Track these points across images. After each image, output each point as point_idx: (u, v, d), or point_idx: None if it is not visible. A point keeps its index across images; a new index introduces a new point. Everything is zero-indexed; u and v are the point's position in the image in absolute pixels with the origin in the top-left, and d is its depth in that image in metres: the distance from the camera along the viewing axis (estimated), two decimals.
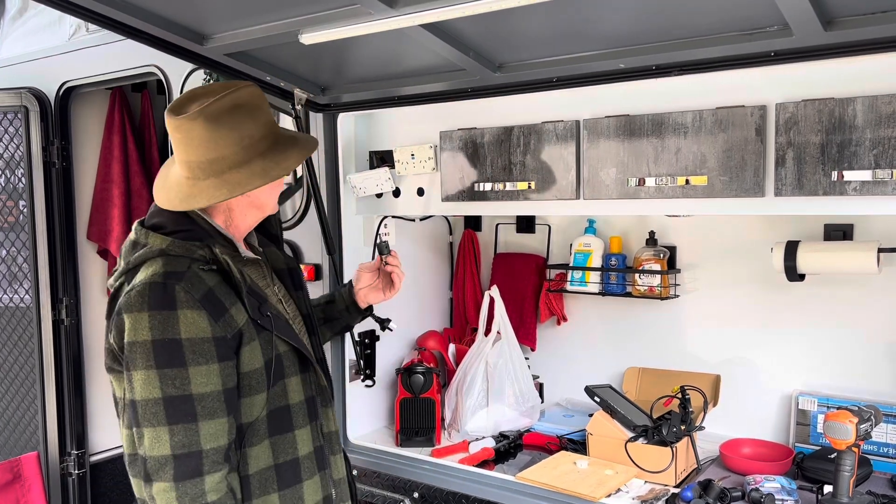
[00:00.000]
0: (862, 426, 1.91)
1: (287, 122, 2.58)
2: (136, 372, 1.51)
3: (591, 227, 2.91)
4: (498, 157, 2.36)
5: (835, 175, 1.82)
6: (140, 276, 1.57)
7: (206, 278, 1.57)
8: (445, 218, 3.28)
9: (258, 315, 1.63)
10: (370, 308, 2.21)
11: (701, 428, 2.39)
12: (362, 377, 2.75)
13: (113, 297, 1.64)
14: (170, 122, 1.61)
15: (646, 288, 2.70)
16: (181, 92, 3.06)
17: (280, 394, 1.68)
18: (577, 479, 2.21)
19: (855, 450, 1.93)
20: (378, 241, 1.98)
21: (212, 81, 3.00)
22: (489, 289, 2.86)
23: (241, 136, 1.62)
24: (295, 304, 1.87)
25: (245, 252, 1.73)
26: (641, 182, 2.11)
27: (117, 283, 1.63)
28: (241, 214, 1.73)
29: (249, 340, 1.60)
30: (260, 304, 1.67)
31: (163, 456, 1.50)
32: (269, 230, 1.93)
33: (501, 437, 2.67)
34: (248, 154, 1.64)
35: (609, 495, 2.12)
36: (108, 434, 3.61)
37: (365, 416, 2.81)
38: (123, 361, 1.55)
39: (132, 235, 1.68)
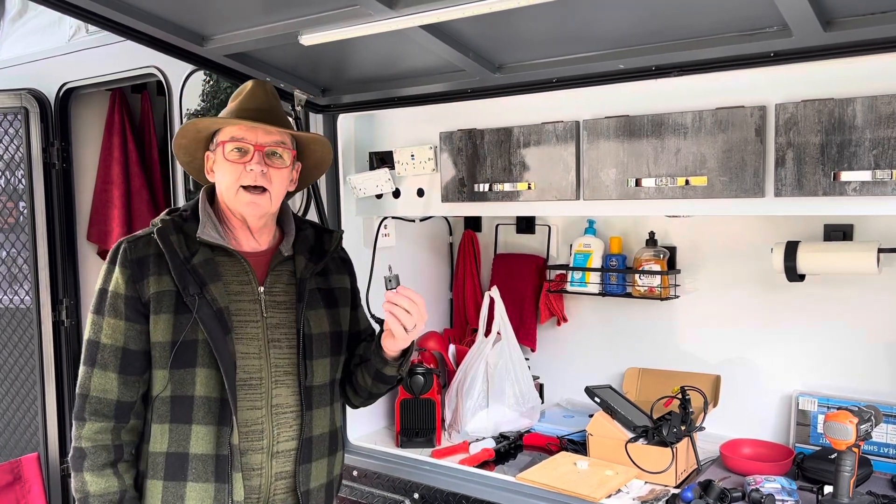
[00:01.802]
0: (862, 426, 1.90)
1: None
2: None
3: (590, 228, 2.91)
4: (498, 158, 2.36)
5: (834, 175, 1.82)
6: None
7: (152, 245, 1.72)
8: (445, 218, 3.28)
9: (185, 293, 1.68)
10: (396, 367, 1.84)
11: (701, 428, 2.39)
12: None
13: None
14: None
15: (646, 288, 2.70)
16: (181, 93, 3.06)
17: (188, 381, 1.68)
18: (577, 479, 2.21)
19: (855, 450, 1.93)
20: (388, 273, 1.74)
21: (212, 83, 3.01)
22: (489, 289, 2.86)
23: (233, 98, 1.82)
24: (294, 317, 1.80)
25: (209, 236, 1.73)
26: (641, 183, 2.11)
27: None
28: (224, 206, 1.80)
29: (158, 311, 1.68)
30: (192, 284, 1.68)
31: (76, 394, 1.70)
32: (324, 245, 1.92)
33: (502, 437, 2.67)
34: (224, 111, 1.81)
35: (609, 496, 2.12)
36: None
37: (365, 416, 2.81)
38: None
39: None
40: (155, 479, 1.70)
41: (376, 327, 2.77)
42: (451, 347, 3.01)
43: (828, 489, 2.00)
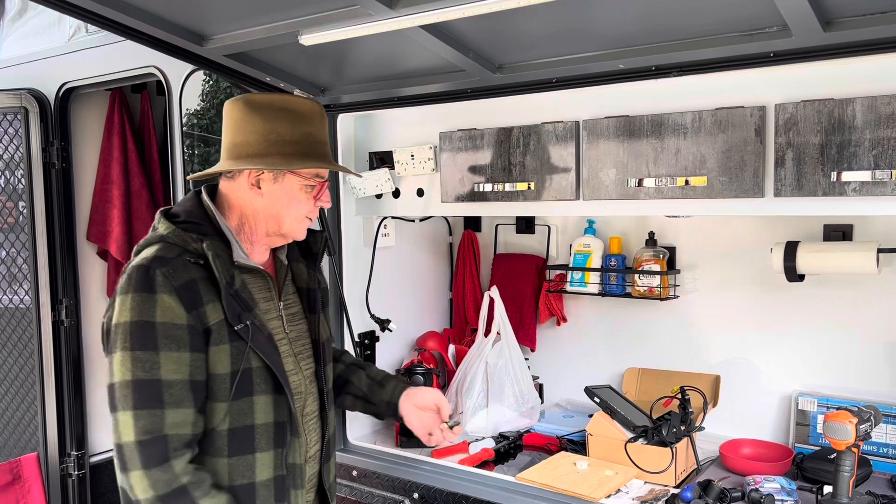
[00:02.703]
0: (861, 426, 1.91)
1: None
2: (114, 354, 1.52)
3: (590, 228, 2.91)
4: (497, 158, 2.36)
5: (834, 175, 1.82)
6: (135, 259, 1.58)
7: (191, 269, 1.56)
8: (445, 218, 3.28)
9: (236, 320, 1.58)
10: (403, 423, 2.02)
11: (701, 428, 2.39)
12: None
13: None
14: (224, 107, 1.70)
15: (645, 288, 2.70)
16: (181, 93, 3.06)
17: (246, 411, 1.61)
18: (576, 479, 2.21)
19: (854, 450, 1.93)
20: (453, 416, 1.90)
21: (211, 82, 3.01)
22: (489, 289, 2.85)
23: (268, 130, 1.64)
24: (306, 327, 1.81)
25: (242, 258, 1.66)
26: (641, 183, 2.11)
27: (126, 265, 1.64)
28: (254, 220, 1.70)
29: (218, 342, 1.56)
30: (242, 311, 1.60)
31: (130, 442, 1.49)
32: (311, 248, 1.89)
33: (501, 437, 2.67)
34: (268, 148, 1.63)
35: (609, 496, 2.13)
36: (107, 435, 3.58)
37: (365, 416, 2.80)
38: (108, 344, 1.56)
39: (155, 220, 1.70)
40: None
41: (375, 328, 2.80)
42: (451, 347, 3.01)
43: (827, 489, 2.00)
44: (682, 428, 2.25)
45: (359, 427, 2.78)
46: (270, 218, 1.70)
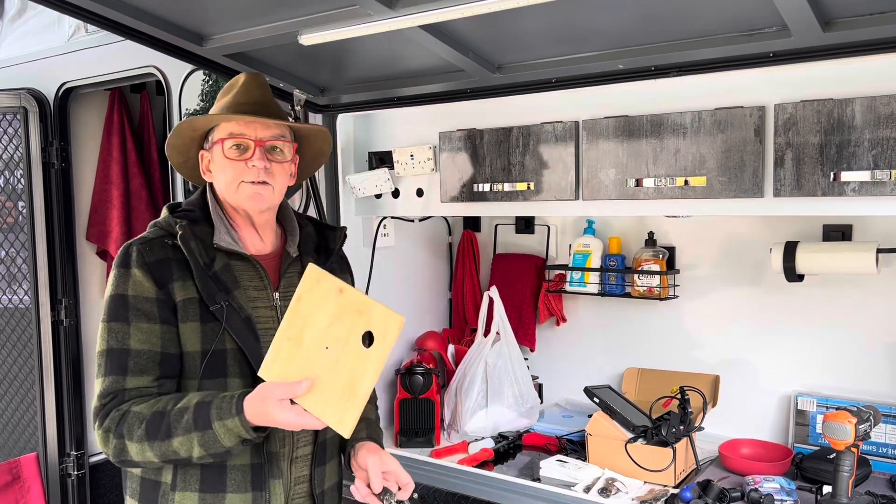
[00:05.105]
0: (861, 426, 1.91)
1: None
2: (99, 325, 1.62)
3: (590, 228, 2.91)
4: (497, 158, 2.37)
5: (833, 176, 1.82)
6: None
7: (168, 250, 1.63)
8: (444, 218, 3.28)
9: (211, 301, 1.61)
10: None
11: (700, 428, 2.39)
12: None
13: None
14: None
15: (645, 288, 2.70)
16: (180, 93, 3.06)
17: (220, 390, 1.60)
18: None
19: (854, 450, 1.93)
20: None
21: (211, 82, 3.01)
22: (488, 289, 2.85)
23: (224, 93, 1.74)
24: None
25: (226, 242, 1.67)
26: (640, 183, 2.11)
27: None
28: (225, 204, 1.73)
29: (185, 319, 1.60)
30: (218, 292, 1.62)
31: (95, 406, 1.58)
32: (329, 243, 1.88)
33: (501, 437, 2.67)
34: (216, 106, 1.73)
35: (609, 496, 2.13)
36: None
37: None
38: None
39: None
40: (188, 490, 1.61)
41: None
42: (451, 347, 3.01)
43: (827, 489, 2.00)
44: (682, 428, 2.25)
45: None
46: (223, 194, 1.72)
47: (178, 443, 1.51)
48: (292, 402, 1.46)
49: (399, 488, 1.64)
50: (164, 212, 1.73)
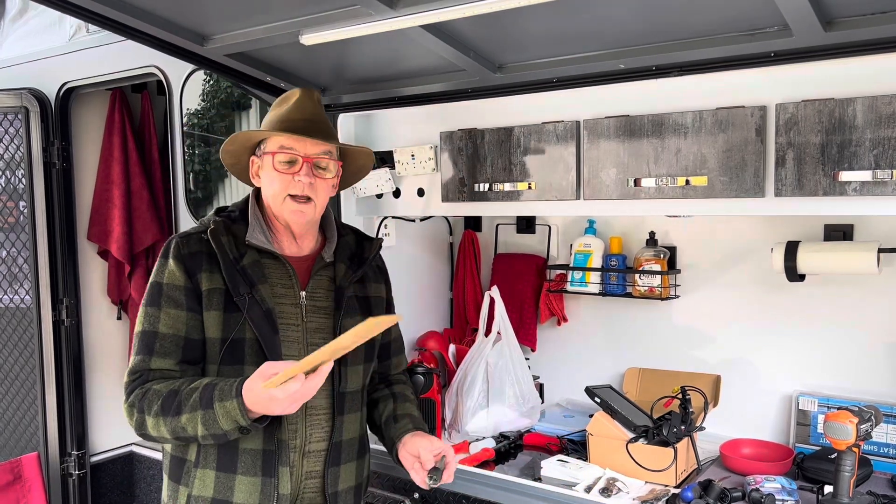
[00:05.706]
0: (862, 426, 1.90)
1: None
2: (139, 309, 1.79)
3: (591, 228, 2.91)
4: (498, 158, 2.36)
5: (834, 175, 1.82)
6: None
7: (204, 244, 1.77)
8: (445, 218, 3.28)
9: (236, 292, 1.73)
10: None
11: (701, 428, 2.39)
12: None
13: None
14: None
15: (646, 288, 2.70)
16: (181, 93, 3.06)
17: (236, 378, 1.65)
18: None
19: (855, 450, 1.93)
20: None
21: (212, 82, 3.01)
22: (489, 289, 2.86)
23: (277, 105, 1.85)
24: (331, 323, 1.84)
25: (258, 240, 1.78)
26: (641, 182, 2.11)
27: None
28: (268, 209, 1.84)
29: (209, 307, 1.72)
30: (242, 285, 1.73)
31: (125, 382, 1.72)
32: (364, 252, 1.96)
33: (502, 437, 2.67)
34: (265, 124, 1.84)
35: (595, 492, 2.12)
36: (108, 434, 3.60)
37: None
38: None
39: None
40: (207, 468, 1.74)
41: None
42: (452, 347, 3.01)
43: (828, 489, 2.00)
44: (683, 428, 2.25)
45: None
46: (268, 202, 1.83)
47: (185, 419, 1.62)
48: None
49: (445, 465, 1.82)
50: (213, 213, 1.88)
